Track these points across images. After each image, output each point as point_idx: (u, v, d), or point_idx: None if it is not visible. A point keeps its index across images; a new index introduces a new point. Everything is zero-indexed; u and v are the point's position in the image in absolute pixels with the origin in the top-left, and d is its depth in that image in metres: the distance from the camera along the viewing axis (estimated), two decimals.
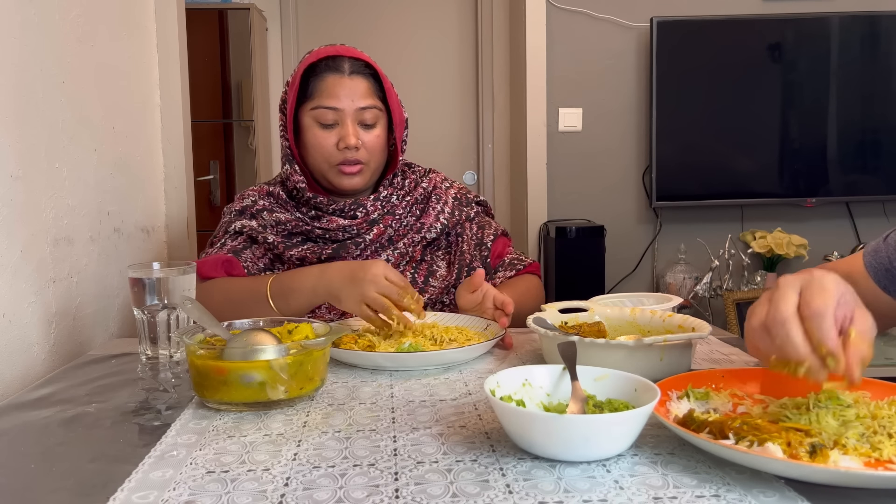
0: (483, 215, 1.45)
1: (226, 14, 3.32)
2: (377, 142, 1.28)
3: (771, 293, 0.68)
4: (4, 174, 1.08)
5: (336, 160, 1.26)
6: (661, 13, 2.81)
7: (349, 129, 1.25)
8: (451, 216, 1.36)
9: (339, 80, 1.25)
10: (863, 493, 0.57)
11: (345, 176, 1.27)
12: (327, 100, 1.24)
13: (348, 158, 1.26)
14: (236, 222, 1.31)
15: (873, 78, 2.81)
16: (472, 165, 3.83)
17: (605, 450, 0.63)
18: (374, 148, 1.28)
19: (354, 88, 1.25)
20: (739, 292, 2.83)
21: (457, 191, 1.42)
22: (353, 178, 1.28)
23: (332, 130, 1.26)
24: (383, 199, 1.32)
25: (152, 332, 1.02)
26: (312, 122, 1.26)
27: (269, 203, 1.32)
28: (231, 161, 3.37)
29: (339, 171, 1.27)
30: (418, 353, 0.95)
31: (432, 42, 3.76)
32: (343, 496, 0.58)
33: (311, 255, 1.25)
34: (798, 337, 0.64)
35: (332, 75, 1.25)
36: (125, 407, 0.83)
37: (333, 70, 1.25)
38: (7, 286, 1.07)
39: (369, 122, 1.27)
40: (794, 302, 0.65)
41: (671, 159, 2.83)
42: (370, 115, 1.26)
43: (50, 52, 1.25)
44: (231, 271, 1.24)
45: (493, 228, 1.41)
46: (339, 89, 1.24)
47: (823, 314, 0.63)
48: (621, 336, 0.95)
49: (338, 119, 1.25)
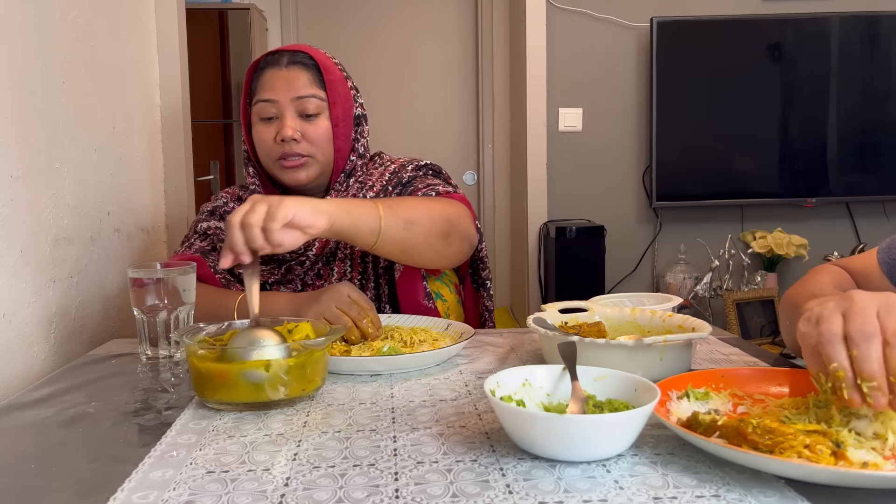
0: (424, 178, 1.29)
1: (226, 14, 3.32)
2: (320, 132, 1.22)
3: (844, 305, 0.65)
4: (4, 174, 1.08)
5: (276, 154, 1.21)
6: (661, 13, 2.81)
7: (286, 121, 1.20)
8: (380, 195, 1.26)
9: (276, 73, 1.22)
10: (863, 493, 0.57)
11: (287, 170, 1.21)
12: (265, 93, 1.21)
13: (287, 152, 1.20)
14: (204, 223, 1.30)
15: (873, 78, 2.81)
16: (472, 165, 3.83)
17: (605, 450, 0.63)
18: (317, 139, 1.22)
19: (291, 80, 1.21)
20: (739, 292, 2.83)
21: (398, 166, 1.30)
22: (297, 173, 1.21)
23: (272, 124, 1.22)
24: None
25: (152, 332, 1.02)
26: (256, 118, 1.23)
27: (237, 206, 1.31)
28: (231, 161, 3.37)
29: (280, 166, 1.22)
30: (418, 353, 0.95)
31: (432, 42, 3.76)
32: (343, 496, 0.58)
33: (263, 277, 1.23)
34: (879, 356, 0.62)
35: (271, 69, 1.23)
36: (125, 407, 0.83)
37: (272, 64, 1.23)
38: (7, 286, 1.07)
39: (311, 111, 1.21)
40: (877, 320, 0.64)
41: (671, 159, 2.83)
42: (311, 105, 1.21)
43: (50, 52, 1.25)
44: (198, 271, 1.22)
45: (425, 182, 1.26)
46: (276, 81, 1.21)
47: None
48: (621, 336, 0.95)
49: (277, 112, 1.21)
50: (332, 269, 1.25)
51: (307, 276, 1.25)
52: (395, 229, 1.02)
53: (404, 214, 1.05)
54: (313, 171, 1.23)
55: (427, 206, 1.11)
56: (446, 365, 0.99)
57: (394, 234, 1.03)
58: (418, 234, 1.06)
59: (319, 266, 1.25)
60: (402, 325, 1.13)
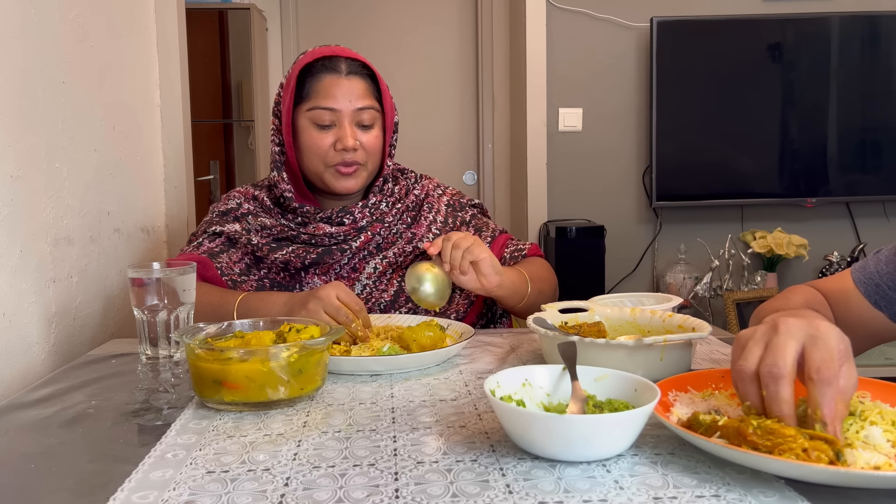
0: (480, 217, 1.42)
1: (226, 14, 3.32)
2: (375, 143, 1.26)
3: (768, 336, 0.66)
4: (4, 174, 1.08)
5: (333, 161, 1.23)
6: (661, 13, 2.81)
7: (346, 130, 1.22)
8: (443, 225, 1.34)
9: (337, 81, 1.22)
10: (863, 493, 0.57)
11: (341, 177, 1.24)
12: (324, 100, 1.22)
13: (346, 160, 1.23)
14: (216, 225, 1.30)
15: (873, 78, 2.81)
16: (472, 165, 3.83)
17: (605, 450, 0.63)
18: (373, 149, 1.26)
19: (352, 89, 1.23)
20: (739, 292, 2.83)
21: (450, 197, 1.40)
22: (349, 180, 1.25)
23: (329, 131, 1.23)
24: (372, 207, 1.28)
25: (152, 332, 1.02)
26: (309, 123, 1.24)
27: (254, 207, 1.30)
28: (231, 161, 3.37)
29: (335, 171, 1.24)
30: (418, 354, 0.95)
31: (432, 42, 3.77)
32: (343, 496, 0.58)
33: (296, 259, 1.23)
34: (789, 398, 0.63)
35: (329, 76, 1.23)
36: (125, 407, 0.83)
37: (330, 70, 1.23)
38: (7, 286, 1.07)
39: (367, 122, 1.24)
40: (794, 357, 0.64)
41: (671, 159, 2.83)
42: (367, 115, 1.24)
43: (50, 52, 1.25)
44: (203, 272, 1.22)
45: (491, 230, 1.37)
46: (336, 90, 1.22)
47: (831, 383, 0.62)
48: (621, 336, 0.95)
49: (335, 120, 1.23)
50: (367, 264, 1.27)
51: (343, 267, 1.27)
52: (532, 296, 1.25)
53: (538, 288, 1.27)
54: (363, 179, 1.28)
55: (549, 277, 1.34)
56: (446, 365, 0.99)
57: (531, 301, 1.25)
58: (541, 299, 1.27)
59: (356, 260, 1.27)
60: (401, 325, 1.13)
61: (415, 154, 3.73)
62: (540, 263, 1.36)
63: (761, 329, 0.67)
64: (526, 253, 1.36)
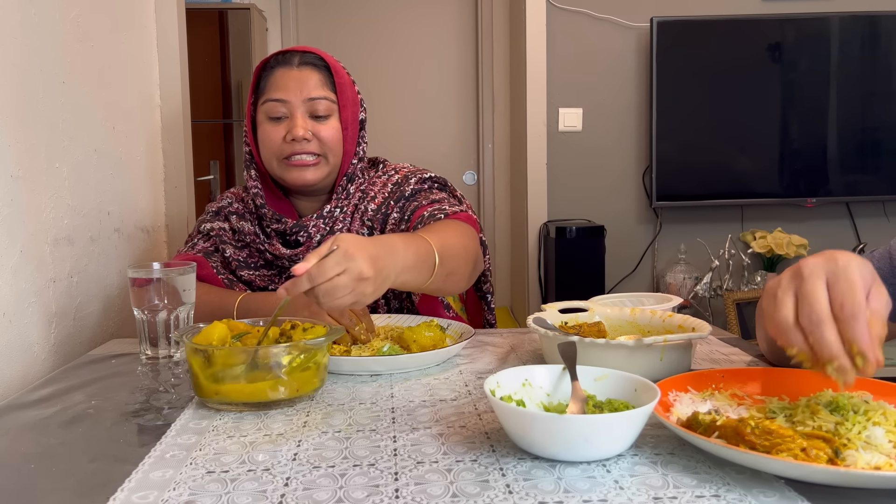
0: (435, 192, 1.28)
1: (226, 14, 3.32)
2: (332, 133, 1.21)
3: (795, 283, 0.66)
4: (4, 174, 1.08)
5: (284, 153, 1.20)
6: (661, 13, 2.81)
7: (297, 120, 1.19)
8: (375, 212, 1.26)
9: (287, 73, 1.21)
10: (863, 493, 0.57)
11: (293, 169, 1.20)
12: (275, 92, 1.20)
13: (296, 151, 1.19)
14: (208, 224, 1.30)
15: (873, 78, 2.81)
16: (472, 165, 3.83)
17: (605, 450, 0.63)
18: (329, 140, 1.21)
19: (303, 79, 1.20)
20: (739, 292, 2.83)
21: (402, 176, 1.30)
22: (304, 172, 1.20)
23: (281, 124, 1.21)
24: (326, 216, 1.24)
25: (152, 332, 1.02)
26: (264, 117, 1.22)
27: (241, 208, 1.30)
28: (231, 161, 3.37)
29: (286, 164, 1.20)
30: (418, 354, 0.95)
31: (432, 42, 3.76)
32: (343, 496, 0.58)
33: (260, 282, 1.25)
34: (834, 339, 0.63)
35: (281, 68, 1.22)
36: (125, 407, 0.83)
37: (283, 64, 1.22)
38: (7, 286, 1.07)
39: (321, 113, 1.20)
40: (825, 298, 0.64)
41: (671, 159, 2.83)
42: (322, 107, 1.20)
43: (50, 52, 1.25)
44: (199, 272, 1.21)
45: (430, 200, 1.23)
46: (287, 81, 1.20)
47: (857, 316, 0.62)
48: (621, 336, 0.95)
49: (287, 112, 1.20)
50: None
51: None
52: (437, 281, 1.03)
53: (448, 267, 1.05)
54: (322, 172, 1.22)
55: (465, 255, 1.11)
56: (446, 365, 0.99)
57: (434, 286, 1.04)
58: (454, 285, 1.10)
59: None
60: (401, 325, 1.13)
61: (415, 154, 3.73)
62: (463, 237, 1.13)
63: (786, 276, 0.68)
64: (447, 216, 1.18)
